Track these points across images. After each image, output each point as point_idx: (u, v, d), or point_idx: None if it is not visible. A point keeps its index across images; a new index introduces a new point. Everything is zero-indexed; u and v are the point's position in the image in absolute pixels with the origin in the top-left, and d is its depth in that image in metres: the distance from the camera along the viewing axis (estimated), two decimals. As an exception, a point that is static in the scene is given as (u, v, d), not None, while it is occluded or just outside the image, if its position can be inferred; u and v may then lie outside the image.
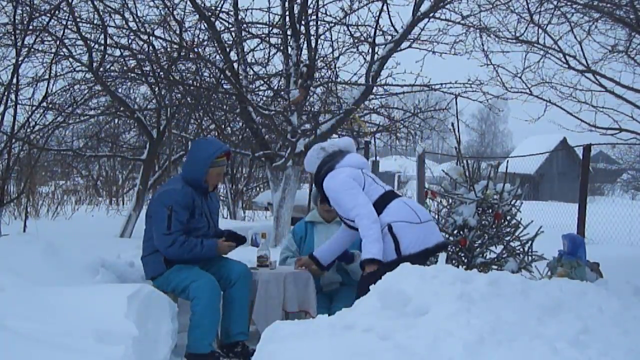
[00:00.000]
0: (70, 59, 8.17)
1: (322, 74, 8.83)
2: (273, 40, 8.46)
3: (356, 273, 4.92)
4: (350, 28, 8.29)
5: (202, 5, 7.68)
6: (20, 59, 6.78)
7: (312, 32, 7.81)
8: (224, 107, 9.30)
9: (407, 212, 4.25)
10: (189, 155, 4.80)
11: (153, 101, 9.77)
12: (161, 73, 8.12)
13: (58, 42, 7.73)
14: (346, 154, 4.50)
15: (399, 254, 4.13)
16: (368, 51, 8.19)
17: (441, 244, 4.39)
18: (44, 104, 7.74)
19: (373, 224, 4.15)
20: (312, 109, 8.99)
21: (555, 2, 7.39)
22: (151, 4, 8.19)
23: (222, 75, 7.99)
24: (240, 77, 7.85)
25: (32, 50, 7.61)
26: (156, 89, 8.54)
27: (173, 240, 4.44)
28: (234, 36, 8.05)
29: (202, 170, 4.58)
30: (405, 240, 4.16)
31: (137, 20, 7.99)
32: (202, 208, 4.62)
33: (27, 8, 6.93)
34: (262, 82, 9.04)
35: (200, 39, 8.45)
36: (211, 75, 8.67)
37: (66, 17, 7.46)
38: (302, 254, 5.12)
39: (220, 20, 8.16)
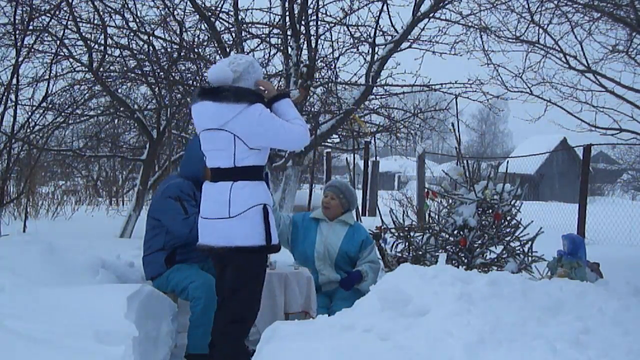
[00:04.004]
0: (70, 59, 8.16)
1: (322, 74, 8.81)
2: (273, 41, 8.45)
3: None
4: (350, 28, 8.27)
5: (202, 5, 7.67)
6: (20, 59, 6.78)
7: (312, 32, 7.79)
8: (224, 107, 9.27)
9: None
10: (186, 153, 4.84)
11: (153, 101, 9.76)
12: (161, 73, 8.11)
13: (58, 42, 7.72)
14: None
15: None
16: (368, 51, 8.17)
17: None
18: (44, 104, 7.74)
19: None
20: (312, 109, 8.99)
21: (555, 2, 7.38)
22: (151, 4, 8.18)
23: (222, 76, 7.96)
24: (241, 77, 7.83)
25: (32, 50, 7.61)
26: (156, 89, 8.52)
27: (194, 220, 4.31)
28: (234, 36, 8.04)
29: (200, 165, 4.59)
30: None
31: (137, 20, 7.98)
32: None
33: (27, 8, 6.93)
34: (262, 82, 9.01)
35: (200, 39, 8.44)
36: (211, 75, 8.65)
37: (66, 17, 7.45)
38: (298, 246, 5.13)
39: (220, 20, 8.15)
